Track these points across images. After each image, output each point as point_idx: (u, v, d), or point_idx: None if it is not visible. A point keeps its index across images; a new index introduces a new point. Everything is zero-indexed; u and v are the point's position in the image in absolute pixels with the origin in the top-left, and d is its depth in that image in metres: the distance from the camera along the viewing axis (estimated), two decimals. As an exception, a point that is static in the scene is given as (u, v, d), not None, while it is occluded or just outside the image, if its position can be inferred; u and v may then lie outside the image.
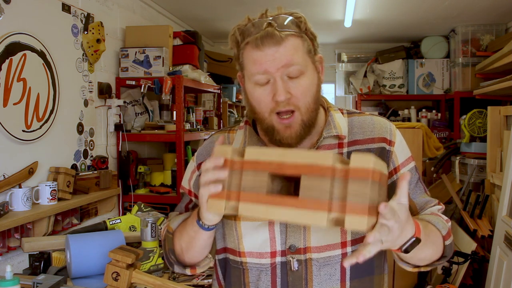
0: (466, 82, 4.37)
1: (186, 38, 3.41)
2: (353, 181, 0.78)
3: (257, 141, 1.09)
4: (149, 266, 1.82)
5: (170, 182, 3.17)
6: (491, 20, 4.17)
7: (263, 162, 0.86)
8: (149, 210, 2.26)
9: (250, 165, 0.87)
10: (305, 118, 1.00)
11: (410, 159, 1.09)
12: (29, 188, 2.06)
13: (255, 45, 0.97)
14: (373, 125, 1.08)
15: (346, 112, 1.12)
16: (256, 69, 0.98)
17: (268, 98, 0.98)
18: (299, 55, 0.98)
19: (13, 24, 2.03)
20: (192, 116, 3.60)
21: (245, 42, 0.99)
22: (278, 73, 0.96)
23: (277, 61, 0.96)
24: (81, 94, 2.59)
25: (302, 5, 3.69)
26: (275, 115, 0.99)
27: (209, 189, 0.90)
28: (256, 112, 1.02)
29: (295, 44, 0.98)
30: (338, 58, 5.26)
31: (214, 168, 0.90)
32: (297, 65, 0.97)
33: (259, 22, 0.98)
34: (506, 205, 2.70)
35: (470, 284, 3.05)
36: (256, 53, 0.97)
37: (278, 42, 0.95)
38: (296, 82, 0.98)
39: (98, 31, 2.62)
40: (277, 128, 1.00)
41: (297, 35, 0.99)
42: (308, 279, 1.02)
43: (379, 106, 5.22)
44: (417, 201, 1.09)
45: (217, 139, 1.14)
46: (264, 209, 0.85)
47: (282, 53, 0.96)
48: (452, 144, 4.35)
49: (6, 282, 1.40)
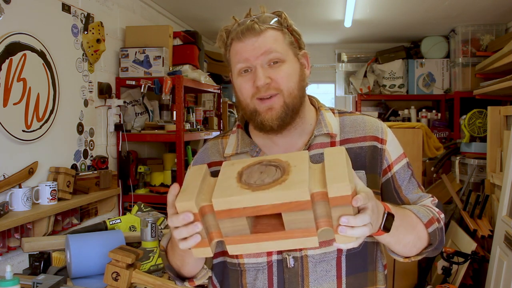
0: (466, 82, 4.37)
1: (186, 38, 3.41)
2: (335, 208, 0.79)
3: (249, 143, 1.10)
4: (149, 266, 1.82)
5: (170, 182, 3.17)
6: (491, 20, 4.17)
7: (237, 210, 0.81)
8: (149, 210, 2.26)
9: (224, 214, 0.82)
10: (288, 101, 1.01)
11: (402, 156, 1.12)
12: (29, 188, 2.06)
13: (237, 38, 1.02)
14: (364, 124, 1.10)
15: (337, 111, 1.14)
16: (238, 59, 1.03)
17: (249, 84, 1.02)
18: (279, 44, 1.02)
19: (13, 24, 2.03)
20: (192, 116, 3.60)
21: (230, 39, 1.05)
22: (258, 61, 1.00)
23: (257, 50, 1.00)
24: (81, 94, 2.59)
25: (302, 5, 3.69)
26: (257, 100, 1.02)
27: (188, 244, 0.86)
28: (240, 100, 1.06)
29: (274, 35, 1.02)
30: (338, 58, 5.26)
31: (185, 225, 0.85)
32: (276, 53, 1.01)
33: (243, 21, 1.04)
34: (506, 205, 2.70)
35: (470, 284, 3.06)
36: (238, 44, 1.02)
37: (257, 33, 1.01)
38: (277, 68, 1.01)
39: (98, 31, 2.62)
40: (259, 110, 1.02)
41: (277, 29, 1.03)
42: (305, 275, 1.02)
43: (379, 106, 5.21)
44: (410, 197, 1.11)
45: (211, 146, 1.16)
46: (254, 246, 0.84)
47: (261, 42, 1.01)
48: (452, 144, 4.35)
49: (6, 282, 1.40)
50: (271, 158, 0.90)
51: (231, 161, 0.94)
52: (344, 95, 5.36)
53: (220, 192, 0.83)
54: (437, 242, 1.06)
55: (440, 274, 3.05)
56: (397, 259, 1.07)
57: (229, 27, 1.06)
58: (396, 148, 1.11)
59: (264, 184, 0.82)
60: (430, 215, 1.06)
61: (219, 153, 1.13)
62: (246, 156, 1.09)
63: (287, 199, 0.79)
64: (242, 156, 1.09)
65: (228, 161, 0.93)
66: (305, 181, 0.80)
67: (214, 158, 1.13)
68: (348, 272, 1.04)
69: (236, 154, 1.10)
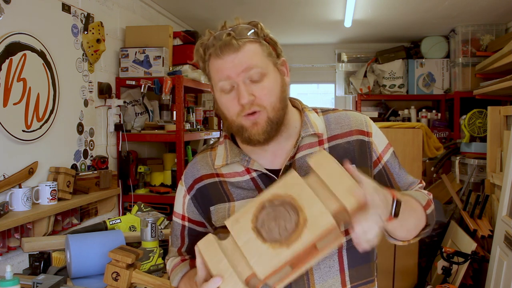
0: (466, 82, 4.37)
1: (186, 38, 3.41)
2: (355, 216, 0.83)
3: (238, 153, 1.11)
4: (149, 266, 1.82)
5: (170, 182, 3.17)
6: (491, 20, 4.17)
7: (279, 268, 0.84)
8: (149, 210, 2.26)
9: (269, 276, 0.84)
10: (271, 116, 1.03)
11: (388, 146, 1.15)
12: (29, 188, 2.06)
13: (216, 55, 1.02)
14: (349, 119, 1.13)
15: (320, 111, 1.16)
16: (219, 77, 1.03)
17: (234, 102, 1.02)
18: (258, 58, 1.02)
19: (13, 24, 2.03)
20: (192, 116, 3.60)
21: (208, 54, 1.04)
22: (240, 78, 1.01)
23: (238, 66, 1.00)
24: (81, 94, 2.59)
25: (302, 5, 3.69)
26: (243, 116, 1.03)
27: None
28: (226, 117, 1.06)
29: (252, 49, 1.02)
30: (338, 58, 5.26)
31: None
32: (257, 68, 1.01)
33: (219, 34, 1.03)
34: (506, 205, 2.70)
35: (470, 284, 3.06)
36: (217, 61, 1.02)
37: (236, 49, 1.00)
38: (259, 84, 1.02)
39: (98, 31, 2.62)
40: (245, 126, 1.03)
41: (254, 41, 1.03)
42: (309, 273, 1.04)
43: (379, 106, 5.21)
44: (402, 184, 1.15)
45: (200, 159, 1.17)
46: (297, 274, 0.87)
47: (240, 58, 1.00)
48: (452, 144, 4.35)
49: (6, 282, 1.40)
50: (271, 197, 0.89)
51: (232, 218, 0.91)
52: (344, 95, 5.36)
53: (256, 259, 0.84)
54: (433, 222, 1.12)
55: (440, 274, 3.05)
56: (396, 243, 1.10)
57: (204, 41, 1.06)
58: (382, 139, 1.14)
59: (290, 233, 0.84)
60: (426, 198, 1.11)
61: (209, 166, 1.14)
62: (237, 166, 1.09)
63: (319, 235, 0.83)
64: (233, 166, 1.10)
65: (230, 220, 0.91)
66: (324, 211, 0.83)
67: (204, 171, 1.14)
68: (350, 265, 1.06)
69: (226, 165, 1.11)
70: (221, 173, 1.11)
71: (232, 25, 1.05)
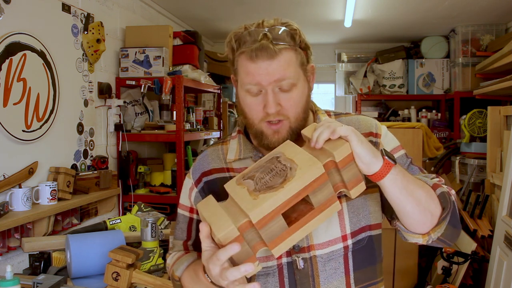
0: (466, 82, 4.37)
1: (186, 38, 3.41)
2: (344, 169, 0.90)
3: (252, 149, 1.10)
4: (149, 266, 1.82)
5: (170, 182, 3.17)
6: (491, 20, 4.17)
7: (272, 212, 0.86)
8: (149, 210, 2.26)
9: (263, 222, 0.86)
10: (293, 126, 1.02)
11: (399, 147, 1.13)
12: (29, 188, 2.06)
13: (250, 57, 0.98)
14: (359, 122, 1.12)
15: (333, 114, 1.16)
16: (249, 80, 1.00)
17: (259, 108, 1.01)
18: (292, 69, 0.99)
19: (13, 24, 2.03)
20: (192, 116, 3.60)
21: (240, 51, 1.01)
22: (270, 86, 0.99)
23: (270, 75, 0.97)
24: (81, 94, 2.59)
25: (302, 5, 3.69)
26: (265, 123, 1.02)
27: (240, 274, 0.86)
28: (247, 117, 1.05)
29: (288, 59, 0.99)
30: (338, 58, 5.26)
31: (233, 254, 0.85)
32: (289, 79, 0.99)
33: (255, 32, 1.00)
34: (506, 205, 2.70)
35: (470, 284, 3.05)
36: (250, 65, 0.99)
37: (271, 56, 0.97)
38: (287, 94, 1.00)
39: (98, 31, 2.62)
40: (266, 133, 1.03)
41: (291, 48, 1.00)
42: (315, 275, 1.04)
43: (379, 106, 5.22)
44: None
45: (211, 153, 1.16)
46: (296, 235, 0.89)
47: (275, 68, 0.97)
48: (452, 144, 4.35)
49: (6, 282, 1.40)
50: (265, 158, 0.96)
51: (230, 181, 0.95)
52: (344, 95, 5.36)
53: (250, 206, 0.86)
54: (450, 206, 0.99)
55: (440, 274, 3.05)
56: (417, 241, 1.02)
57: (238, 33, 1.02)
58: (392, 141, 1.13)
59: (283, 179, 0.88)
60: (433, 181, 1.03)
61: (220, 159, 1.13)
62: (249, 161, 1.09)
63: (308, 180, 0.86)
64: (245, 161, 1.10)
65: (228, 183, 0.94)
66: (313, 158, 0.88)
67: (215, 165, 1.13)
68: (356, 267, 1.06)
69: (239, 159, 1.10)
70: (232, 167, 1.10)
71: (270, 24, 1.02)
